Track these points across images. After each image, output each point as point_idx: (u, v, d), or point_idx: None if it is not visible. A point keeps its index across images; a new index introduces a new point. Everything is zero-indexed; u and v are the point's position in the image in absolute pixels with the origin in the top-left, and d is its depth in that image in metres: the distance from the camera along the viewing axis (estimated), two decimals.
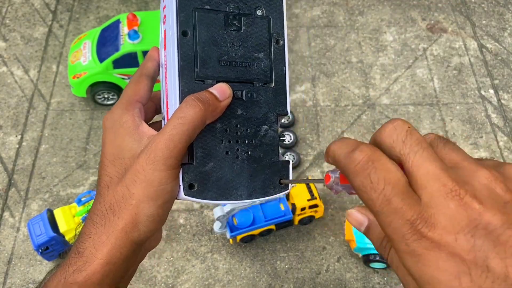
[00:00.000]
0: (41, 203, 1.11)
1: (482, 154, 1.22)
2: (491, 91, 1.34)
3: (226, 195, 0.34)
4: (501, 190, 0.21)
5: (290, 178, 0.36)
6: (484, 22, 1.49)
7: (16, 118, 1.25)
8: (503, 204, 0.20)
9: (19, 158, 1.18)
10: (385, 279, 1.01)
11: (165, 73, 0.36)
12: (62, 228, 0.96)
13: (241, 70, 0.35)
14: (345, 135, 1.24)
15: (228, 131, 0.34)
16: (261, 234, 1.03)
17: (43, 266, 1.02)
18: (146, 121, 0.37)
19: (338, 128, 1.25)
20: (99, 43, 1.20)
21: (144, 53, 1.15)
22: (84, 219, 0.99)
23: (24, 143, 1.20)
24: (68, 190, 1.13)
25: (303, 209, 1.01)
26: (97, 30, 1.24)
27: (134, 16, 1.16)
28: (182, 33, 0.33)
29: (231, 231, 0.99)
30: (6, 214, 1.09)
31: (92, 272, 0.31)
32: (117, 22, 1.20)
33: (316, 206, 1.02)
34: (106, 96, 1.24)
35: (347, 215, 0.27)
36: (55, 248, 0.98)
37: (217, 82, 0.34)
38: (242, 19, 0.35)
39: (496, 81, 1.36)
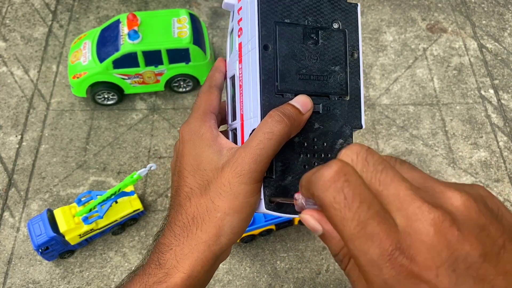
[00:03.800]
0: (41, 203, 1.11)
1: (482, 154, 1.22)
2: (491, 91, 1.34)
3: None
4: (475, 213, 0.19)
5: None
6: (484, 22, 1.49)
7: (16, 118, 1.25)
8: (479, 231, 0.19)
9: (19, 158, 1.18)
10: None
11: (240, 86, 0.36)
12: (62, 228, 0.96)
13: (318, 83, 0.35)
14: None
15: (305, 144, 0.34)
16: (261, 234, 1.03)
17: (43, 266, 1.02)
18: None
19: None
20: (99, 43, 1.20)
21: (144, 53, 1.15)
22: (85, 219, 1.00)
23: (24, 143, 1.20)
24: (68, 190, 1.13)
25: None
26: (97, 30, 1.24)
27: (134, 16, 1.16)
28: (264, 47, 0.33)
29: None
30: (6, 214, 1.09)
31: (173, 285, 0.31)
32: (117, 22, 1.20)
33: None
34: (106, 96, 1.24)
35: (301, 218, 0.24)
36: (55, 248, 0.98)
37: (295, 95, 0.34)
38: (320, 32, 0.35)
39: (496, 81, 1.36)
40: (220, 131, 0.39)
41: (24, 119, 1.24)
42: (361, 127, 0.36)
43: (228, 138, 0.40)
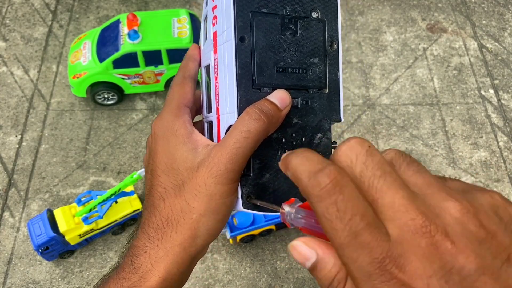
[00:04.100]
0: (41, 203, 1.11)
1: (482, 154, 1.22)
2: (491, 91, 1.34)
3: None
4: (474, 226, 0.18)
5: None
6: (484, 22, 1.49)
7: (16, 118, 1.25)
8: (477, 244, 0.18)
9: (19, 158, 1.18)
10: None
11: (216, 78, 0.35)
12: (62, 228, 0.96)
13: (297, 76, 0.33)
14: (345, 135, 1.24)
15: (284, 140, 0.33)
16: (261, 234, 1.03)
17: (43, 266, 1.02)
18: None
19: (338, 128, 1.25)
20: (99, 43, 1.20)
21: (144, 53, 1.15)
22: (85, 219, 0.99)
23: (24, 143, 1.20)
24: (68, 190, 1.13)
25: None
26: (97, 30, 1.24)
27: (134, 16, 1.16)
28: (240, 39, 0.32)
29: (231, 231, 0.98)
30: (6, 214, 1.09)
31: None
32: (117, 22, 1.20)
33: None
34: (106, 96, 1.24)
35: (290, 248, 0.22)
36: (55, 248, 0.98)
37: (273, 89, 0.33)
38: (298, 22, 0.33)
39: (496, 81, 1.36)
40: (195, 122, 0.38)
41: (24, 119, 1.24)
42: (339, 120, 0.35)
43: (203, 129, 0.39)
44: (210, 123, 0.37)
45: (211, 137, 0.37)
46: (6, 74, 1.33)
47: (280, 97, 0.32)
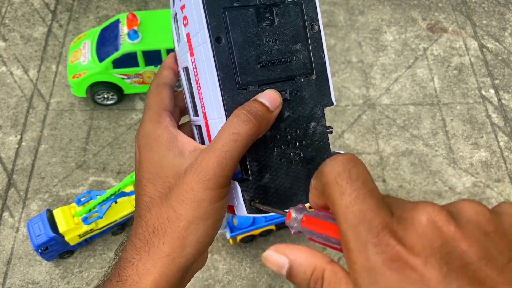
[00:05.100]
0: (40, 203, 1.10)
1: (483, 154, 1.21)
2: (492, 91, 1.33)
3: (287, 203, 0.32)
4: (484, 219, 0.18)
5: None
6: (484, 22, 1.49)
7: (16, 118, 1.24)
8: (483, 235, 0.17)
9: (19, 158, 1.18)
10: None
11: (197, 81, 0.33)
12: (61, 228, 0.96)
13: (281, 67, 0.32)
14: (345, 135, 1.24)
15: (278, 137, 0.32)
16: (261, 234, 1.03)
17: (43, 267, 1.02)
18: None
19: (338, 128, 1.25)
20: (98, 43, 1.20)
21: (144, 53, 1.15)
22: (84, 219, 0.99)
23: (23, 143, 1.20)
24: (68, 190, 1.12)
25: None
26: (97, 30, 1.24)
27: (134, 16, 1.16)
28: (216, 40, 0.30)
29: (231, 232, 0.98)
30: (6, 214, 1.09)
31: None
32: (117, 22, 1.20)
33: None
34: (105, 96, 1.24)
35: (263, 260, 0.23)
36: (55, 248, 0.97)
37: (259, 86, 0.31)
38: (274, 9, 0.32)
39: (497, 81, 1.36)
40: (183, 124, 0.37)
41: (24, 119, 1.24)
42: (332, 104, 0.34)
43: (193, 133, 0.37)
44: (199, 127, 0.36)
45: (202, 141, 0.36)
46: (5, 74, 1.33)
47: (270, 98, 0.31)
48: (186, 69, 0.35)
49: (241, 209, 0.31)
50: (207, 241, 0.31)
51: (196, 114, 0.35)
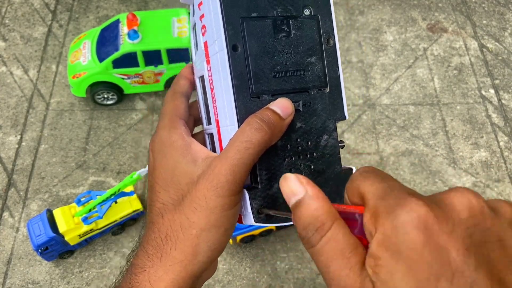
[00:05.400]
0: (40, 203, 1.10)
1: (483, 154, 1.21)
2: (492, 91, 1.34)
3: None
4: (476, 202, 0.19)
5: None
6: (484, 22, 1.49)
7: (16, 118, 1.24)
8: (468, 228, 0.18)
9: (19, 158, 1.18)
10: None
11: (211, 89, 0.34)
12: (61, 228, 0.96)
13: (295, 79, 0.32)
14: (345, 135, 1.24)
15: (289, 147, 0.32)
16: (261, 234, 1.03)
17: (43, 267, 1.02)
18: None
19: (338, 128, 1.25)
20: (98, 43, 1.20)
21: (144, 53, 1.15)
22: (84, 219, 0.99)
23: (23, 143, 1.20)
24: (68, 190, 1.12)
25: None
26: (97, 30, 1.24)
27: (134, 16, 1.16)
28: (232, 48, 0.31)
29: None
30: (6, 214, 1.09)
31: None
32: (117, 22, 1.20)
33: None
34: (105, 96, 1.24)
35: (282, 178, 0.23)
36: (55, 248, 0.97)
37: (273, 95, 0.32)
38: (291, 22, 0.32)
39: (497, 81, 1.36)
40: (195, 133, 0.37)
41: (24, 119, 1.24)
42: (344, 118, 0.34)
43: (205, 141, 0.38)
44: (211, 135, 0.36)
45: (213, 150, 0.36)
46: (5, 74, 1.33)
47: (282, 106, 0.31)
48: (202, 78, 0.36)
49: (249, 218, 0.32)
50: (219, 248, 0.31)
51: (209, 122, 0.35)
